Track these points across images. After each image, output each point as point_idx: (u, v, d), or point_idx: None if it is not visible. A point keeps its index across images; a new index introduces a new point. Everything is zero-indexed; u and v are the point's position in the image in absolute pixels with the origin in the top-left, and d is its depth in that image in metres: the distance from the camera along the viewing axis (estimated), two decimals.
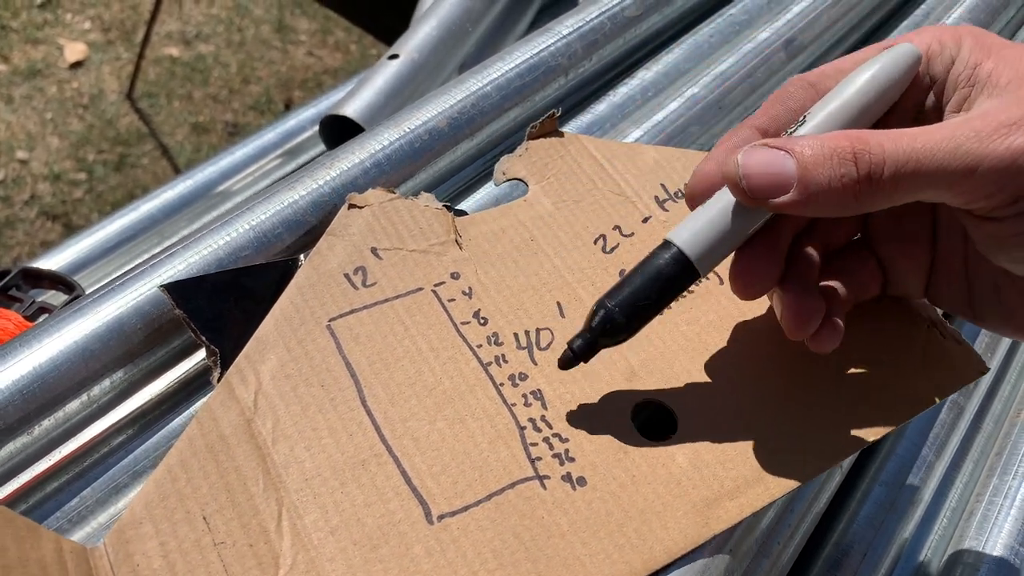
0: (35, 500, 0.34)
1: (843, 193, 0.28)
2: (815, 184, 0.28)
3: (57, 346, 0.34)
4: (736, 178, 0.30)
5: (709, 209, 0.32)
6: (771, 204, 0.29)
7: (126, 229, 0.79)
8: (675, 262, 0.32)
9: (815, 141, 0.29)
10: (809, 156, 0.29)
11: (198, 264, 0.37)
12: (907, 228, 0.35)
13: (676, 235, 0.32)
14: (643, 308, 0.32)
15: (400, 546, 0.30)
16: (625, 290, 0.32)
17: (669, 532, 0.31)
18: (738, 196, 0.30)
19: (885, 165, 0.28)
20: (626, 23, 0.53)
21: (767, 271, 0.32)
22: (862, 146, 0.28)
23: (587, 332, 0.32)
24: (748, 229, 0.32)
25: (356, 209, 0.39)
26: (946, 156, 0.27)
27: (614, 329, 0.32)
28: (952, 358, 0.36)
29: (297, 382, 0.34)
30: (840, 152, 0.28)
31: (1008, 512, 0.46)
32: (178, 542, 0.30)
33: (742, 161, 0.30)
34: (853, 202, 0.29)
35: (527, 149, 0.43)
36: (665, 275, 0.32)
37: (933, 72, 0.32)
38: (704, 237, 0.31)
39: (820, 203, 0.29)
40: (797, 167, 0.29)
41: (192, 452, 0.32)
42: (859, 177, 0.28)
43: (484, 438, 0.33)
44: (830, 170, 0.28)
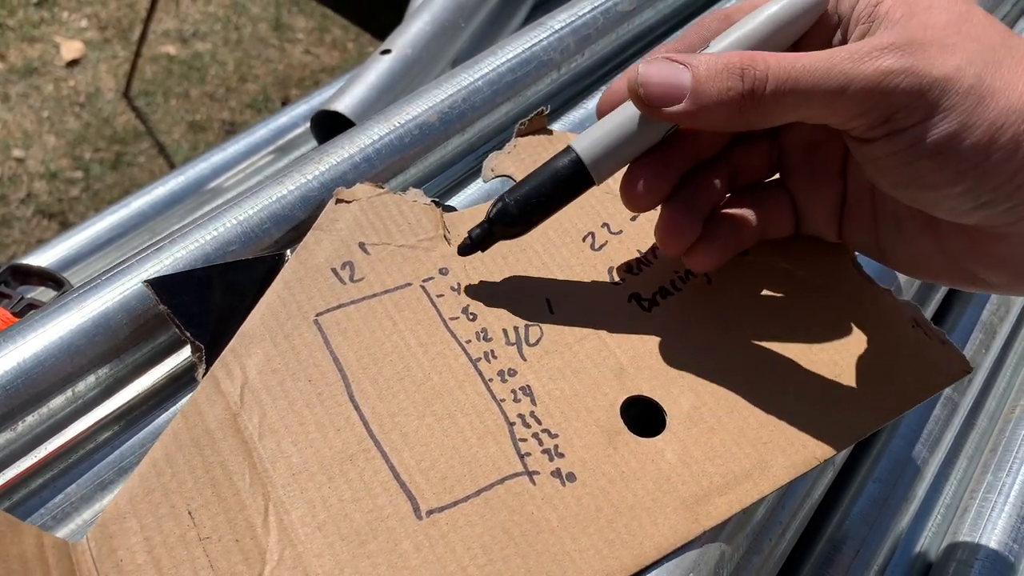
0: (19, 497, 0.34)
1: (729, 106, 0.30)
2: (706, 96, 0.30)
3: (41, 341, 0.34)
4: (635, 86, 0.31)
5: (610, 120, 0.34)
6: (664, 113, 0.31)
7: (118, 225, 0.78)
8: (571, 165, 0.34)
9: (711, 57, 0.31)
10: (703, 70, 0.30)
11: (185, 259, 0.37)
12: (818, 165, 0.36)
13: (577, 142, 0.34)
14: (535, 204, 0.35)
15: (388, 542, 0.30)
16: (524, 187, 0.35)
17: (659, 528, 0.31)
18: (636, 104, 0.32)
19: (768, 81, 0.29)
20: (619, 18, 0.53)
21: (654, 186, 0.34)
22: (749, 63, 0.30)
23: (485, 221, 0.35)
24: (643, 142, 0.34)
25: (344, 204, 0.39)
26: (822, 75, 0.29)
27: (509, 219, 0.35)
28: (936, 358, 0.36)
29: (284, 376, 0.34)
30: (730, 67, 0.30)
31: (1002, 509, 0.45)
32: (163, 537, 0.30)
33: (642, 71, 0.31)
34: (738, 116, 0.30)
35: (516, 146, 0.43)
36: (560, 177, 0.34)
37: (841, 11, 0.33)
38: (601, 145, 0.34)
39: (709, 115, 0.30)
40: (692, 79, 0.30)
41: (177, 446, 0.32)
42: (743, 91, 0.30)
43: (473, 433, 0.33)
44: (720, 83, 0.30)
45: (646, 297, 0.37)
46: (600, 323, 0.36)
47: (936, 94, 0.28)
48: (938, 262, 0.34)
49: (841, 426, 0.34)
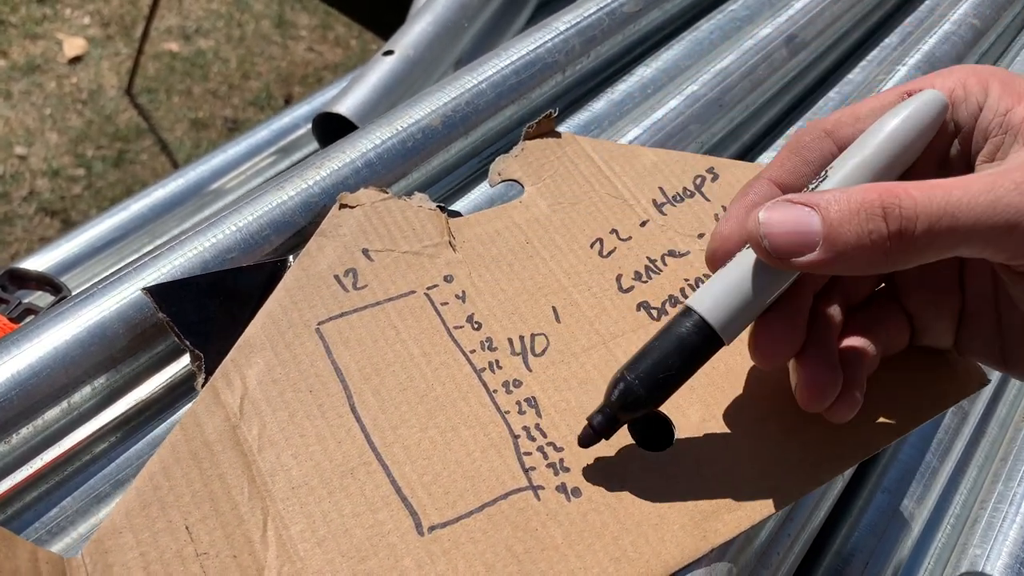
0: (13, 511, 0.33)
1: (873, 251, 0.27)
2: (843, 242, 0.27)
3: (36, 352, 0.33)
4: (758, 237, 0.28)
5: (730, 272, 0.30)
6: (796, 263, 0.28)
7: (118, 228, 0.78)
8: (698, 331, 0.30)
9: (841, 195, 0.27)
10: (835, 212, 0.27)
11: (183, 267, 0.36)
12: (934, 275, 0.33)
13: (698, 302, 0.30)
14: (664, 380, 0.30)
15: (389, 558, 0.30)
16: (646, 360, 0.30)
17: (666, 545, 0.30)
18: (761, 256, 0.29)
19: (918, 220, 0.26)
20: (625, 19, 0.52)
21: (789, 339, 0.31)
22: (892, 200, 0.26)
23: (607, 407, 0.31)
24: (773, 293, 0.30)
25: (347, 209, 0.38)
26: (984, 210, 0.26)
27: (635, 403, 0.30)
28: (953, 370, 0.35)
29: (284, 387, 0.33)
30: (868, 206, 0.26)
31: (1013, 520, 0.45)
32: (159, 553, 0.29)
33: (763, 219, 0.28)
34: (883, 260, 0.27)
35: (523, 149, 0.42)
36: (688, 345, 0.30)
37: (958, 119, 0.30)
38: (727, 303, 0.30)
39: (848, 262, 0.27)
40: (823, 224, 0.27)
41: (175, 459, 0.31)
42: (890, 233, 0.26)
43: (477, 447, 0.32)
44: (858, 226, 0.26)
45: (655, 306, 0.37)
46: (608, 332, 0.36)
47: None
48: None
49: (853, 440, 0.33)
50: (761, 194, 0.31)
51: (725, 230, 0.31)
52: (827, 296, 0.33)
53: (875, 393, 0.34)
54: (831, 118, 0.32)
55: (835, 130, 0.31)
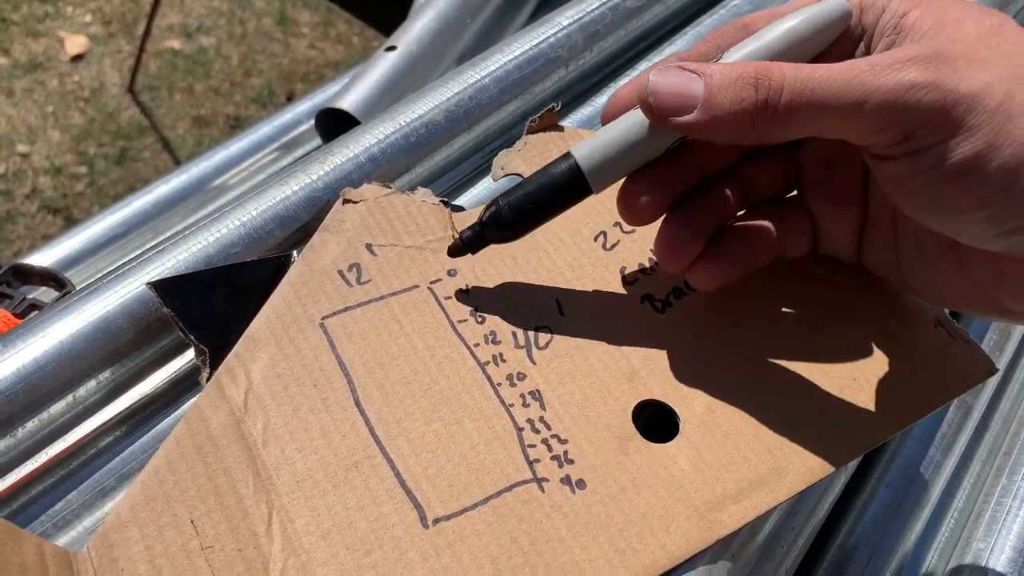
0: (19, 504, 0.33)
1: (742, 117, 0.29)
2: (718, 106, 0.29)
3: (42, 346, 0.33)
4: (645, 94, 0.30)
5: (613, 128, 0.32)
6: (675, 123, 0.30)
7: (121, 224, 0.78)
8: (569, 173, 0.33)
9: (725, 67, 0.29)
10: (716, 79, 0.29)
11: (187, 261, 0.36)
12: (838, 181, 0.35)
13: (577, 148, 0.33)
14: (530, 211, 0.33)
15: (394, 551, 0.30)
16: (519, 191, 0.33)
17: (671, 536, 0.30)
18: (644, 112, 0.31)
19: (783, 92, 0.28)
20: (628, 14, 0.52)
21: (655, 199, 0.33)
22: (764, 73, 0.29)
23: (478, 224, 0.34)
24: (647, 153, 0.32)
25: (351, 204, 0.38)
26: (840, 87, 0.28)
27: (501, 224, 0.34)
28: (960, 358, 0.35)
29: (289, 381, 0.33)
30: (745, 76, 0.29)
31: (1017, 513, 0.45)
32: (164, 546, 0.29)
33: (652, 79, 0.30)
34: (751, 128, 0.29)
35: (526, 143, 0.42)
36: (557, 183, 0.33)
37: (864, 23, 0.32)
38: (602, 153, 0.32)
39: (720, 126, 0.29)
40: (704, 88, 0.29)
41: (180, 453, 0.31)
42: (757, 102, 0.28)
43: (481, 439, 0.32)
44: (733, 93, 0.29)
45: (659, 298, 0.37)
46: (611, 325, 0.36)
47: (961, 111, 0.27)
48: (961, 289, 0.32)
49: (860, 430, 0.33)
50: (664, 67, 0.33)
51: (622, 92, 0.34)
52: (722, 180, 0.35)
53: (882, 382, 0.34)
54: (753, 15, 0.34)
55: (751, 24, 0.33)
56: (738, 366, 0.35)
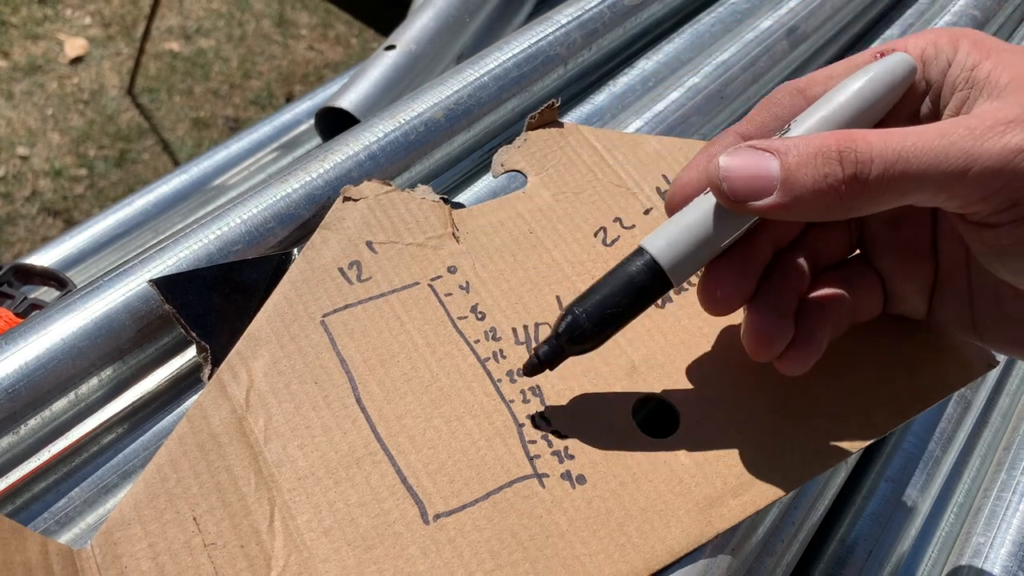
0: (22, 501, 0.33)
1: (828, 194, 0.27)
2: (799, 186, 0.27)
3: (44, 344, 0.33)
4: (718, 180, 0.28)
5: (686, 216, 0.30)
6: (753, 207, 0.28)
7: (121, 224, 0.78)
8: (647, 270, 0.30)
9: (800, 141, 0.27)
10: (793, 156, 0.27)
11: (188, 259, 0.36)
12: (906, 240, 0.33)
13: (650, 242, 0.31)
14: (611, 317, 0.31)
15: (395, 547, 0.30)
16: (594, 296, 0.31)
17: (671, 531, 0.31)
18: (719, 199, 0.29)
19: (872, 164, 0.26)
20: (626, 12, 0.52)
21: (737, 285, 0.31)
22: (848, 144, 0.27)
23: (554, 338, 0.31)
24: (725, 239, 0.30)
25: (351, 202, 0.38)
26: (938, 155, 0.26)
27: (581, 336, 0.31)
28: (959, 352, 0.35)
29: (290, 379, 0.33)
30: (826, 151, 0.27)
31: (1016, 508, 0.45)
32: (167, 543, 0.30)
33: (723, 163, 0.28)
34: (839, 204, 0.27)
35: (526, 140, 0.42)
36: (636, 284, 0.30)
37: (929, 76, 0.30)
38: (679, 245, 0.30)
39: (804, 206, 0.27)
40: (780, 168, 0.27)
41: (182, 451, 0.31)
42: (844, 177, 0.26)
43: (481, 435, 0.32)
44: (814, 170, 0.27)
45: None
46: None
47: None
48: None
49: (860, 423, 0.33)
50: (725, 145, 0.31)
51: (685, 177, 0.32)
52: (791, 252, 0.32)
53: (881, 377, 0.34)
54: (805, 77, 0.32)
55: (807, 88, 0.32)
56: (738, 361, 0.35)
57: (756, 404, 0.34)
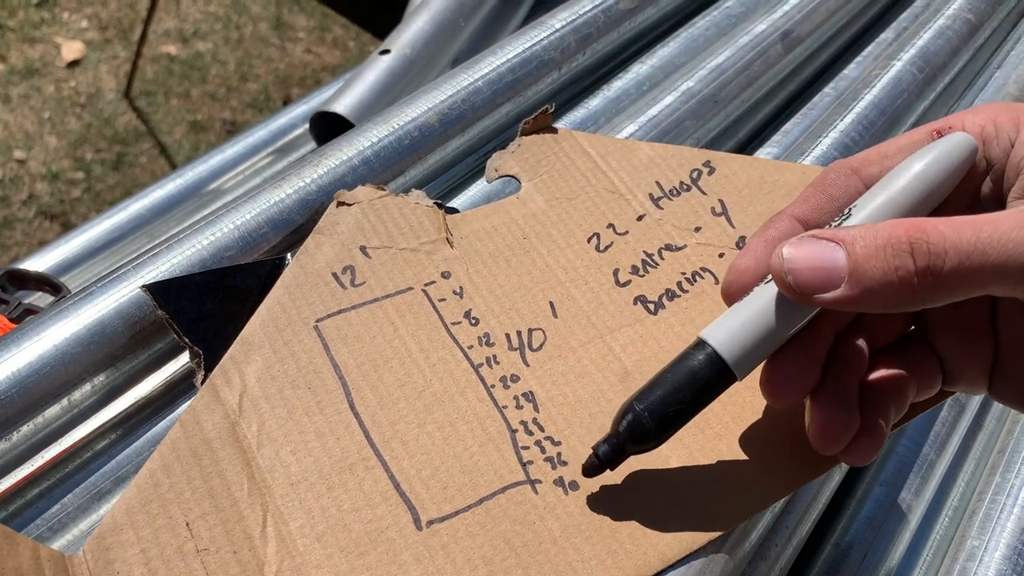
0: (15, 507, 0.33)
1: (900, 288, 0.26)
2: (869, 278, 0.26)
3: (36, 350, 0.33)
4: (782, 272, 0.28)
5: (748, 306, 0.29)
6: (819, 300, 0.27)
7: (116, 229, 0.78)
8: (711, 365, 0.29)
9: (867, 231, 0.27)
10: (861, 247, 0.26)
11: (182, 264, 0.36)
12: (966, 319, 0.32)
13: (711, 334, 0.29)
14: (675, 415, 0.29)
15: (388, 553, 0.30)
16: (656, 392, 0.30)
17: (663, 537, 0.31)
18: (785, 291, 0.28)
19: (947, 257, 0.25)
20: (620, 16, 0.52)
21: (803, 377, 0.30)
22: (920, 236, 0.26)
23: (614, 436, 0.30)
24: (790, 330, 0.29)
25: (345, 207, 0.38)
26: (1016, 247, 0.25)
27: (643, 435, 0.29)
28: None
29: (283, 384, 0.33)
30: (895, 242, 0.26)
31: (1011, 511, 0.45)
32: (160, 549, 0.30)
33: (787, 255, 0.27)
34: (911, 297, 0.26)
35: (520, 145, 0.42)
36: (700, 379, 0.29)
37: (989, 156, 0.30)
38: (742, 338, 0.29)
39: (874, 298, 0.26)
40: (848, 260, 0.26)
41: (175, 456, 0.31)
42: (917, 270, 0.26)
43: (475, 441, 0.32)
44: (884, 262, 0.26)
45: (652, 299, 0.37)
46: (605, 327, 0.36)
47: None
48: None
49: None
50: (782, 230, 0.31)
51: (743, 264, 0.31)
52: (850, 335, 0.31)
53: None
54: (858, 156, 0.31)
55: (861, 168, 0.31)
56: None
57: (748, 411, 0.34)
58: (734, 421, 0.33)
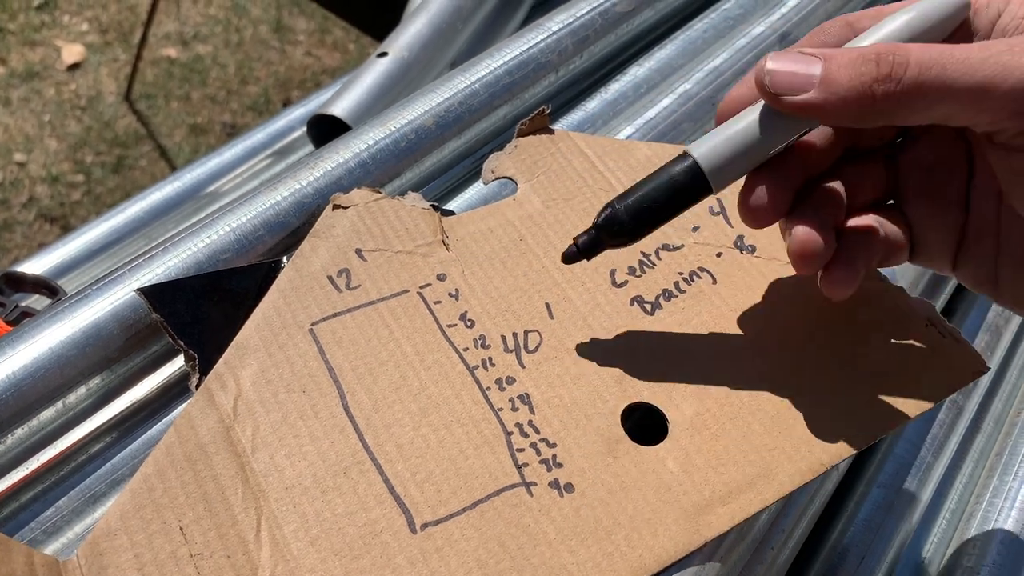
0: (9, 511, 0.33)
1: (862, 94, 0.28)
2: (836, 83, 0.28)
3: (31, 353, 0.33)
4: (763, 75, 0.30)
5: (730, 126, 0.32)
6: (790, 102, 0.29)
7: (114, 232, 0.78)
8: (689, 172, 0.32)
9: (846, 49, 0.29)
10: (836, 60, 0.29)
11: (177, 267, 0.36)
12: (939, 187, 0.34)
13: (694, 147, 0.32)
14: (648, 212, 0.32)
15: (382, 556, 0.30)
16: (636, 193, 0.32)
17: (659, 539, 0.30)
18: (761, 93, 0.30)
19: (908, 67, 0.27)
20: (618, 19, 0.52)
21: (776, 197, 0.32)
22: (889, 48, 0.28)
23: (592, 229, 0.33)
24: (767, 149, 0.31)
25: (341, 209, 0.38)
26: (974, 65, 0.26)
27: (618, 230, 0.32)
28: (951, 357, 0.35)
29: (278, 388, 0.33)
30: (866, 54, 0.28)
31: (1008, 514, 0.45)
32: (154, 554, 0.29)
33: (770, 62, 0.30)
34: (871, 106, 0.28)
35: (516, 146, 0.42)
36: (676, 184, 0.32)
37: (978, 26, 0.31)
38: (721, 152, 0.31)
39: (840, 104, 0.28)
40: (822, 69, 0.29)
41: (169, 461, 0.31)
42: (879, 76, 0.28)
43: (470, 444, 0.32)
44: (852, 69, 0.28)
45: (649, 300, 0.37)
46: (601, 328, 0.36)
47: None
48: None
49: (850, 431, 0.33)
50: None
51: (736, 92, 0.33)
52: (829, 181, 0.33)
53: (871, 383, 0.34)
54: (856, 12, 0.33)
55: (856, 21, 0.32)
56: (727, 368, 0.35)
57: (745, 411, 0.34)
58: (731, 422, 0.33)
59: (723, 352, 0.35)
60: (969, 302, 0.53)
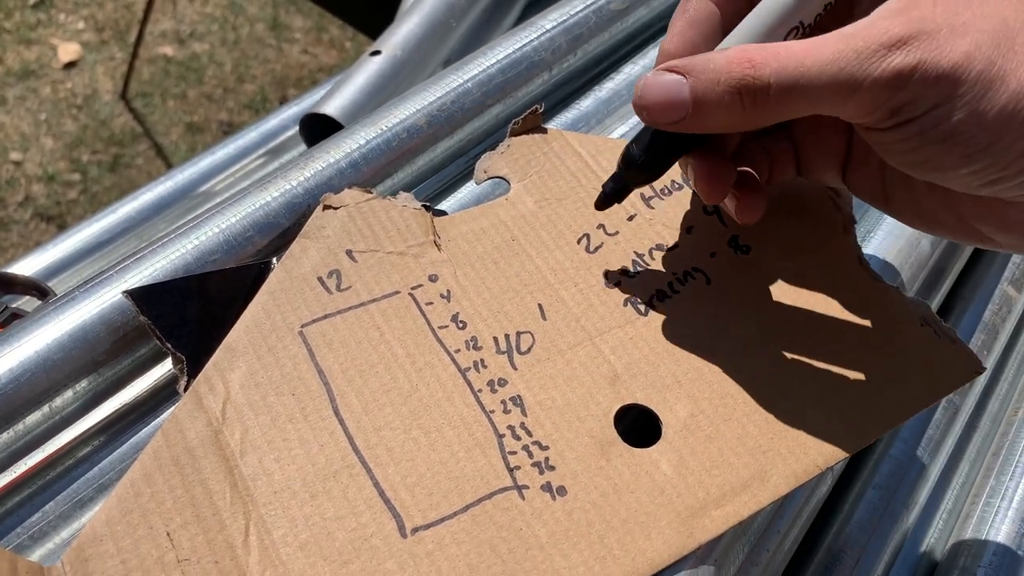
0: None
1: (733, 114, 0.30)
2: (707, 105, 0.30)
3: (16, 357, 0.33)
4: (639, 107, 0.32)
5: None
6: (671, 128, 0.31)
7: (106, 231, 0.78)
8: None
9: (707, 62, 0.30)
10: (700, 75, 0.30)
11: (165, 269, 0.36)
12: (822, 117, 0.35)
13: None
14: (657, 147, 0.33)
15: (372, 561, 0.29)
16: (647, 132, 0.34)
17: (652, 542, 0.30)
18: (642, 119, 0.32)
19: (771, 89, 0.29)
20: (611, 16, 0.52)
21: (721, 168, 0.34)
22: (750, 70, 0.29)
23: (616, 174, 0.35)
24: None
25: (331, 210, 0.38)
26: (829, 79, 0.28)
27: (633, 163, 0.34)
28: (947, 358, 0.35)
29: (267, 391, 0.33)
30: (728, 74, 0.30)
31: (1006, 514, 0.44)
32: (140, 560, 0.29)
33: (641, 91, 0.31)
34: (743, 121, 0.30)
35: (509, 146, 0.42)
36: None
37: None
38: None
39: (716, 123, 0.31)
40: (690, 92, 0.30)
41: (157, 465, 0.31)
42: (744, 103, 0.30)
43: (461, 447, 0.32)
44: (719, 94, 0.30)
45: (642, 300, 0.36)
46: (594, 328, 0.35)
47: (946, 86, 0.27)
48: (946, 219, 0.33)
49: (845, 432, 0.33)
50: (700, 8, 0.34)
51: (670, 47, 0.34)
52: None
53: (868, 383, 0.34)
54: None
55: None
56: (722, 368, 0.34)
57: (739, 412, 0.33)
58: (725, 423, 0.33)
59: (716, 353, 0.35)
60: (966, 302, 0.53)
